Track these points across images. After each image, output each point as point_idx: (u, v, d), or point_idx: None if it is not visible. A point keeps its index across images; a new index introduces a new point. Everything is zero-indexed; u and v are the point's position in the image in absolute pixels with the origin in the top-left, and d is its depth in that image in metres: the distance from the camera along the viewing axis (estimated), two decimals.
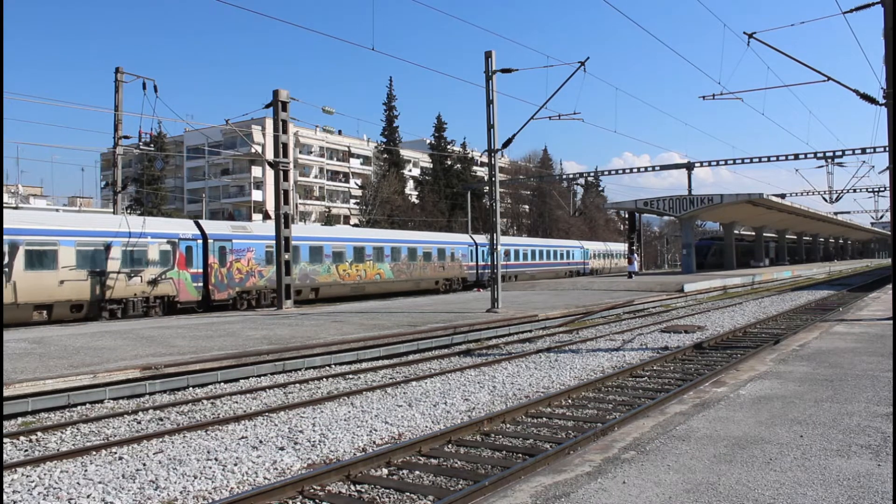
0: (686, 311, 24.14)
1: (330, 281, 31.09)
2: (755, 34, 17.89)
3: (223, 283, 26.12)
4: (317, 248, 30.58)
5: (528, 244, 52.10)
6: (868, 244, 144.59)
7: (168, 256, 24.36)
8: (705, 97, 46.00)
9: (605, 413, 8.97)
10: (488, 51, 21.33)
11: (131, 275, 23.08)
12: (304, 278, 29.65)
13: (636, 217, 55.53)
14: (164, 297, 24.19)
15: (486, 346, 16.01)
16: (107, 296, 22.36)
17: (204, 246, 25.57)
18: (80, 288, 21.63)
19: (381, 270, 34.27)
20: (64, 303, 21.22)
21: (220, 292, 25.95)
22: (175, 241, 24.64)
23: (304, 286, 29.65)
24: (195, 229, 25.85)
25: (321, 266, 30.65)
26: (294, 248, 26.96)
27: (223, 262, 26.19)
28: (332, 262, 31.32)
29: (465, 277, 41.46)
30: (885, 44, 14.36)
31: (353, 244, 33.04)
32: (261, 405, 10.05)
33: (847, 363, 9.96)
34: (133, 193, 56.69)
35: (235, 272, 26.62)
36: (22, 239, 20.23)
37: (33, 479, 6.66)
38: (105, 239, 22.53)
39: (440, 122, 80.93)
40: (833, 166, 41.52)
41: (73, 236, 21.68)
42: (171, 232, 24.88)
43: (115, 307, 22.65)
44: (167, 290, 24.20)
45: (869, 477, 4.92)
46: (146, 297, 23.63)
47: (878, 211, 64.37)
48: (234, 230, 27.54)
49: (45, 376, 10.10)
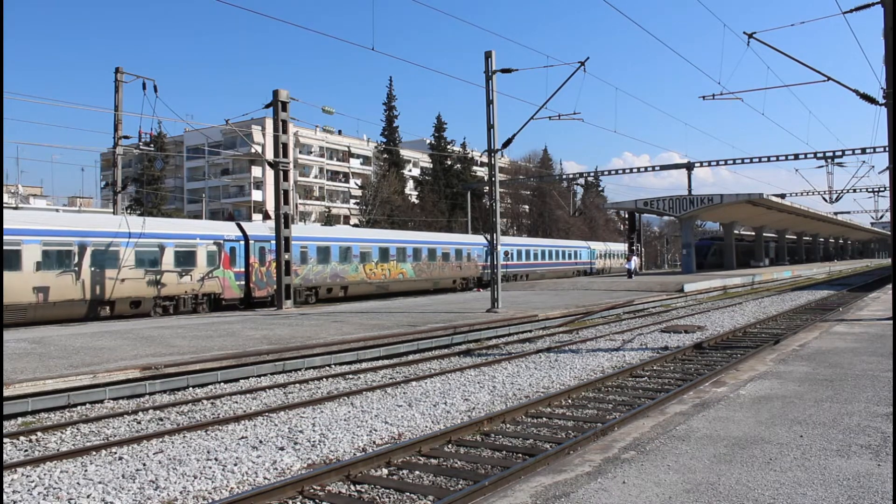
0: (686, 311, 24.14)
1: (358, 280, 32.73)
2: (755, 34, 17.90)
3: (263, 282, 27.46)
4: (345, 248, 32.21)
5: (538, 244, 53.55)
6: (868, 244, 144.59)
7: (214, 257, 25.75)
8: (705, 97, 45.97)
9: (605, 413, 8.96)
10: (488, 51, 21.35)
11: (182, 274, 24.54)
12: (335, 277, 31.35)
13: (636, 217, 55.57)
14: (210, 294, 25.61)
15: (486, 346, 16.01)
16: (160, 293, 23.90)
17: (245, 247, 27.02)
18: (138, 286, 23.25)
19: (403, 270, 35.78)
20: (124, 299, 22.82)
21: (259, 290, 27.26)
22: (220, 243, 26.05)
23: (335, 284, 31.31)
24: (237, 231, 27.28)
25: (350, 266, 32.29)
26: (325, 248, 30.32)
27: (262, 261, 27.48)
28: (360, 262, 32.93)
29: (480, 277, 42.81)
30: (885, 44, 14.37)
31: (378, 245, 34.49)
32: (261, 405, 10.04)
33: (847, 363, 9.96)
34: (133, 193, 56.69)
35: (273, 271, 27.58)
36: (89, 241, 22.00)
37: (33, 479, 6.66)
38: (159, 240, 24.09)
39: (440, 122, 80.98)
40: (833, 166, 41.55)
41: (132, 238, 23.35)
42: (217, 234, 26.30)
43: (168, 304, 24.15)
44: (214, 288, 25.69)
45: (869, 477, 4.93)
46: (195, 295, 25.05)
47: (878, 211, 64.46)
48: (272, 231, 28.33)
49: (45, 376, 10.10)
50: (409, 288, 36.47)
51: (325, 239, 31.48)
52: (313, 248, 30.34)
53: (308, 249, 29.87)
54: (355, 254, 32.68)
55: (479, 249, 42.97)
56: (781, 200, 51.14)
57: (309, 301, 29.79)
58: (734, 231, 60.15)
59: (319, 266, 30.58)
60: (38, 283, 20.48)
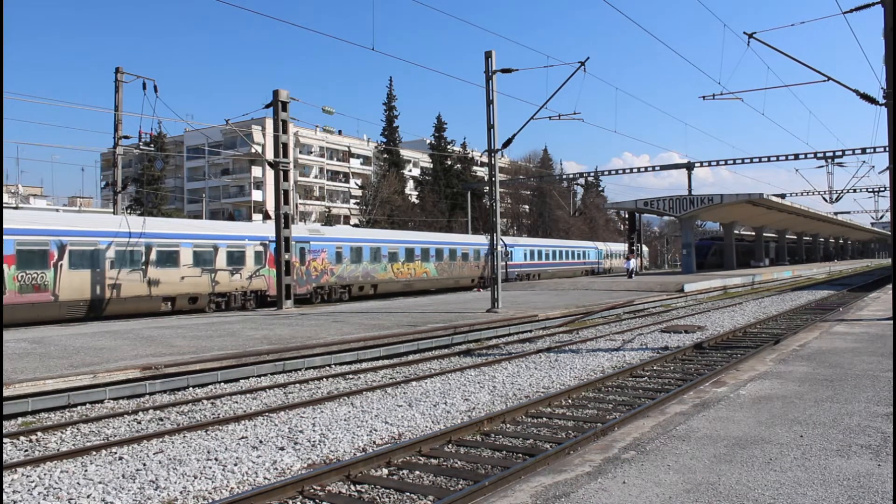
0: (686, 311, 24.14)
1: (386, 278, 34.80)
2: (755, 34, 17.90)
3: (303, 280, 29.30)
4: (376, 249, 34.30)
5: (550, 245, 55.92)
6: (868, 244, 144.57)
7: (261, 257, 27.55)
8: (705, 97, 46.05)
9: (605, 413, 8.96)
10: (488, 51, 21.35)
11: (233, 272, 26.52)
12: (366, 276, 33.47)
13: (636, 217, 55.58)
14: (257, 291, 27.39)
15: (487, 346, 16.00)
16: (214, 290, 25.72)
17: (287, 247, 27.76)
18: (196, 283, 25.11)
19: (427, 269, 37.90)
20: (184, 295, 24.65)
21: (300, 287, 28.85)
22: (266, 244, 27.60)
23: (366, 282, 33.44)
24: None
25: (379, 265, 34.37)
26: (357, 249, 32.61)
27: (303, 261, 29.32)
28: (389, 262, 34.96)
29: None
30: (885, 44, 14.36)
31: (405, 245, 36.60)
32: (261, 405, 10.04)
33: (847, 363, 9.96)
34: (133, 193, 56.68)
35: (312, 270, 30.08)
36: (155, 242, 23.92)
37: (33, 479, 6.65)
38: (215, 241, 25.91)
39: (440, 122, 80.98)
40: (833, 166, 41.57)
41: (191, 239, 25.31)
42: (263, 235, 27.98)
43: (221, 300, 25.96)
44: (260, 286, 27.48)
45: (869, 477, 4.92)
46: (244, 292, 26.87)
47: (878, 211, 64.48)
48: (311, 233, 31.04)
49: (45, 376, 10.10)
50: (433, 286, 38.41)
51: (357, 240, 33.65)
52: (347, 248, 32.33)
53: (342, 250, 31.98)
54: (384, 254, 34.66)
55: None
56: (781, 200, 51.14)
57: (343, 298, 31.68)
58: (734, 231, 60.15)
59: (353, 265, 32.58)
60: (111, 280, 22.41)
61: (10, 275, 19.50)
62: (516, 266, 47.85)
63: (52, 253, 20.71)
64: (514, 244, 48.82)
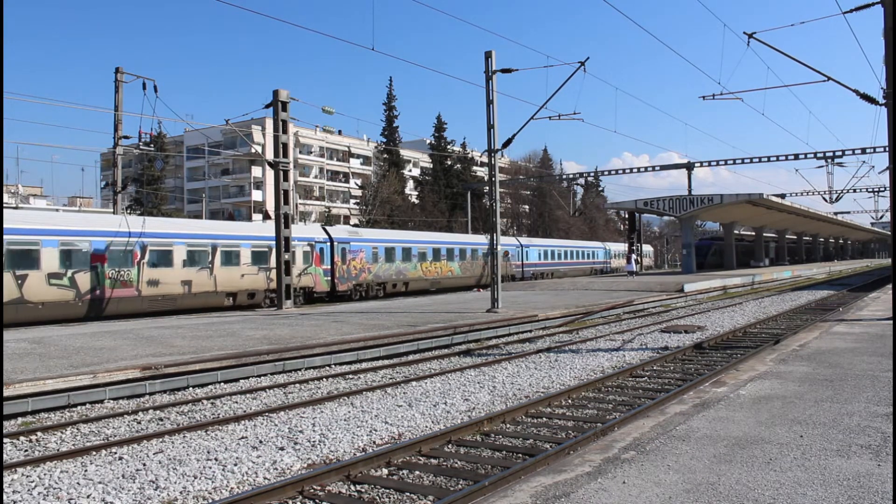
0: (686, 311, 24.13)
1: (416, 276, 37.28)
2: (755, 34, 17.90)
3: (344, 277, 32.03)
4: (407, 249, 36.82)
5: (562, 245, 58.99)
6: (868, 244, 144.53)
7: (308, 256, 29.96)
8: (705, 97, 46.06)
9: (605, 413, 8.96)
10: (488, 51, 21.34)
11: None
12: (399, 274, 35.90)
13: (636, 217, 55.59)
14: (305, 287, 29.59)
15: (486, 346, 16.00)
16: (269, 287, 27.48)
17: (331, 247, 31.37)
18: (254, 280, 27.29)
19: (452, 268, 40.44)
20: (244, 291, 26.83)
21: (342, 284, 31.67)
22: (312, 244, 30.23)
23: (399, 280, 35.85)
24: (324, 234, 31.58)
25: (410, 264, 36.79)
26: (391, 249, 35.12)
27: (344, 260, 32.04)
28: (418, 261, 37.51)
29: (513, 275, 47.79)
30: (885, 44, 14.36)
31: (432, 246, 39.15)
32: (261, 405, 10.04)
33: (847, 363, 9.96)
34: (133, 193, 56.67)
35: (353, 268, 32.60)
36: (219, 242, 26.03)
37: (33, 479, 6.65)
38: (269, 242, 27.17)
39: (440, 122, 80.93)
40: (833, 166, 41.57)
41: (250, 240, 27.49)
42: (310, 236, 30.47)
43: (273, 295, 27.13)
44: (308, 283, 29.81)
45: (869, 477, 4.92)
46: (294, 288, 27.64)
47: (878, 211, 64.46)
48: (350, 234, 33.61)
49: (45, 376, 10.10)
50: (457, 284, 40.86)
51: (391, 241, 36.15)
52: (382, 248, 34.84)
53: (378, 250, 34.48)
54: (414, 254, 37.17)
55: (513, 250, 48.56)
56: (781, 200, 51.13)
57: (378, 295, 33.96)
58: (734, 231, 60.14)
59: (387, 264, 35.01)
60: (183, 277, 24.62)
61: (103, 272, 22.40)
62: (532, 265, 50.74)
63: (135, 253, 23.37)
64: (529, 244, 51.39)
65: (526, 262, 49.87)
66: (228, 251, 26.38)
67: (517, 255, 48.93)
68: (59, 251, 21.39)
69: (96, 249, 22.28)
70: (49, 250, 21.07)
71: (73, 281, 21.61)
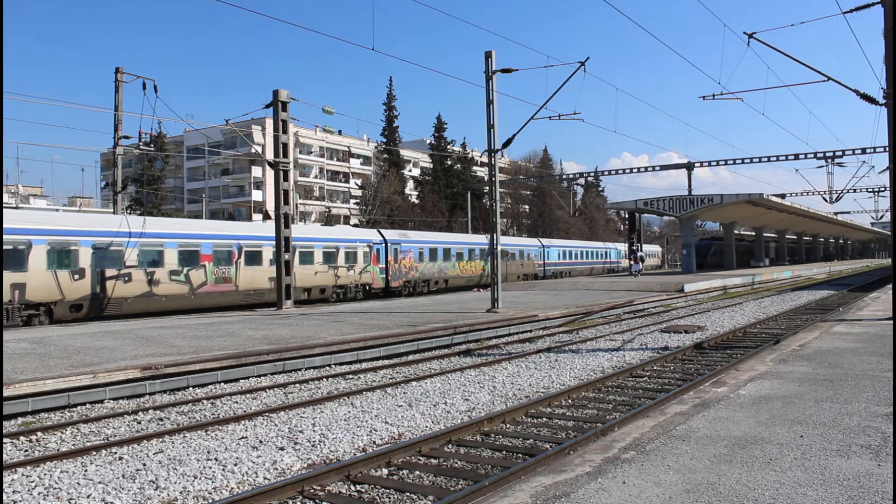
0: (686, 311, 24.13)
1: (455, 274, 40.76)
2: (755, 34, 17.89)
3: (397, 275, 35.57)
4: (447, 249, 40.32)
5: (579, 246, 62.81)
6: (868, 244, 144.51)
7: (368, 256, 33.58)
8: (705, 97, 45.82)
9: (605, 413, 8.96)
10: (488, 51, 21.33)
11: (349, 269, 32.39)
12: (440, 272, 39.36)
13: (636, 217, 55.58)
14: (365, 284, 33.27)
15: (486, 346, 16.00)
16: (336, 283, 31.40)
17: (385, 248, 34.87)
18: (325, 277, 30.88)
19: (484, 266, 43.11)
20: (316, 287, 30.32)
21: (394, 281, 35.25)
22: (371, 245, 33.93)
23: (440, 278, 39.25)
24: (379, 236, 35.21)
25: (450, 263, 40.41)
26: (434, 249, 38.80)
27: (396, 259, 35.53)
28: (457, 260, 41.00)
29: (536, 273, 51.25)
30: (885, 44, 14.36)
31: (468, 247, 42.63)
32: (261, 405, 10.04)
33: (847, 363, 9.96)
34: (133, 193, 56.66)
35: (403, 267, 36.06)
36: (297, 244, 28.38)
37: (33, 479, 6.65)
38: (336, 244, 31.67)
39: (440, 122, 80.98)
40: (833, 166, 41.58)
41: (321, 242, 31.14)
42: (368, 238, 34.35)
43: (339, 291, 31.59)
44: (367, 280, 33.54)
45: (869, 477, 4.92)
46: (356, 285, 32.68)
47: (878, 211, 64.46)
48: (401, 236, 37.34)
49: (45, 376, 10.10)
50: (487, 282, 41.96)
51: (433, 242, 39.61)
52: (427, 249, 38.34)
53: (423, 250, 37.98)
54: (453, 254, 40.66)
55: (535, 250, 52.22)
56: (781, 200, 51.12)
57: (423, 291, 37.18)
58: (734, 231, 60.12)
59: (431, 263, 38.47)
60: (270, 275, 27.02)
61: (209, 270, 25.51)
62: (552, 264, 54.23)
63: (234, 253, 26.51)
64: (550, 245, 54.99)
65: (547, 262, 53.25)
66: (304, 252, 29.65)
67: (539, 255, 52.24)
68: (177, 252, 24.72)
69: (205, 251, 25.54)
70: (170, 251, 24.58)
71: (187, 277, 24.97)
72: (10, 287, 19.87)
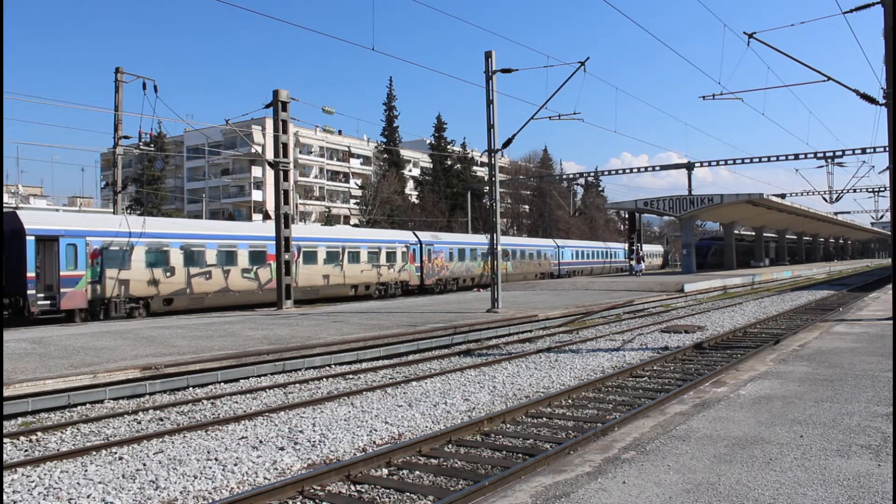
0: (686, 311, 24.13)
1: (479, 273, 43.37)
2: (755, 34, 17.89)
3: (430, 273, 38.71)
4: (473, 249, 43.32)
5: (590, 246, 66.38)
6: (868, 244, 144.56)
7: (405, 255, 36.59)
8: (705, 97, 45.82)
9: (606, 413, 8.96)
10: (488, 51, 21.34)
11: (389, 267, 35.28)
12: (468, 271, 42.45)
13: (636, 217, 55.59)
14: (402, 282, 36.22)
15: (486, 346, 16.00)
16: (379, 280, 34.39)
17: (419, 248, 37.96)
18: (369, 275, 33.96)
19: (506, 266, 45.36)
20: (362, 284, 33.28)
21: (428, 279, 38.39)
22: (408, 245, 37.01)
23: (467, 277, 42.42)
24: (414, 238, 38.27)
25: (476, 263, 43.27)
26: (462, 249, 42.10)
27: (430, 259, 38.64)
28: (482, 260, 43.44)
29: (552, 272, 54.23)
30: (885, 44, 14.36)
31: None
32: (261, 405, 10.04)
33: (847, 363, 9.96)
34: (133, 193, 56.64)
35: (435, 266, 39.19)
36: (347, 245, 32.42)
37: (33, 479, 6.65)
38: (379, 244, 34.77)
39: (440, 122, 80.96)
40: (833, 166, 41.58)
41: (366, 242, 34.23)
42: (404, 239, 37.37)
43: (381, 288, 34.55)
44: (405, 277, 36.49)
45: (869, 477, 4.92)
46: (396, 282, 35.68)
47: (878, 211, 64.45)
48: (433, 238, 40.43)
49: (45, 376, 10.10)
50: (510, 279, 45.81)
51: (462, 243, 42.88)
52: (456, 249, 41.56)
53: (453, 251, 41.16)
54: (479, 254, 43.37)
55: (551, 250, 55.16)
56: (781, 200, 51.13)
57: (453, 289, 40.00)
58: (734, 231, 60.13)
59: (459, 262, 41.68)
60: (324, 272, 30.85)
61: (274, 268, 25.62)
62: (566, 264, 57.08)
63: (294, 252, 27.03)
64: (564, 245, 57.96)
65: (562, 261, 56.20)
66: (352, 252, 32.72)
67: (554, 255, 55.30)
68: (248, 252, 27.33)
69: (271, 251, 27.09)
70: (242, 251, 27.15)
71: (256, 275, 27.52)
72: (117, 283, 22.55)
